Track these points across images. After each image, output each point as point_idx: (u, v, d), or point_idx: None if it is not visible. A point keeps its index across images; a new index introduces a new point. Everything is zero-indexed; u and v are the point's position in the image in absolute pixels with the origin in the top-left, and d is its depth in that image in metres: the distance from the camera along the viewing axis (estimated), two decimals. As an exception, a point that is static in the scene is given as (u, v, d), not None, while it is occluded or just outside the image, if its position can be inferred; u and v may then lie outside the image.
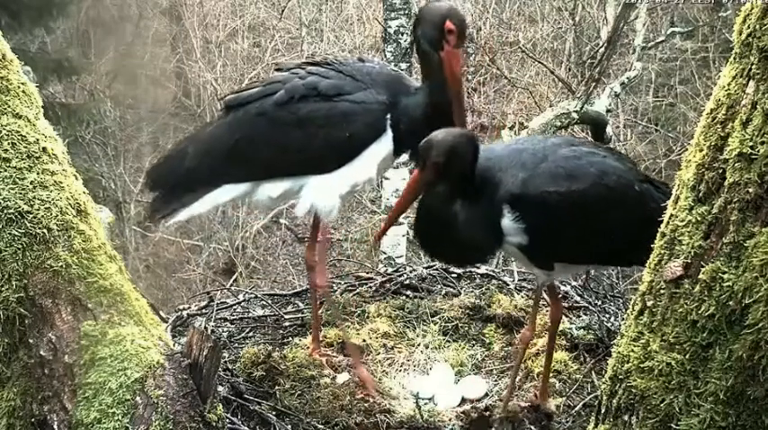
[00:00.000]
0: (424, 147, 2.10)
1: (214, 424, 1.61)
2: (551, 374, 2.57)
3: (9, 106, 1.62)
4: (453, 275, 3.53)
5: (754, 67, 1.15)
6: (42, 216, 1.60)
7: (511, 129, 6.48)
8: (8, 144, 1.59)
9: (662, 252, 1.31)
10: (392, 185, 6.21)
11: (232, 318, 3.19)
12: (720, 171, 1.19)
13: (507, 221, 2.10)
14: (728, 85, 1.20)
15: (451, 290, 3.39)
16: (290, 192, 2.47)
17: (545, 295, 3.24)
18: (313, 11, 14.09)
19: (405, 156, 2.59)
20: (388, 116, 2.36)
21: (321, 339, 2.84)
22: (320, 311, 2.86)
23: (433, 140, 2.10)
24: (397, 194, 6.38)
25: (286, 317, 3.17)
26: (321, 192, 2.42)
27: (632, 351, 1.33)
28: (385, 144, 2.39)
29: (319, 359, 2.72)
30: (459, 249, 2.23)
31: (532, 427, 2.38)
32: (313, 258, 2.65)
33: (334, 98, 2.35)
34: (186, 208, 2.51)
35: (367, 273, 3.74)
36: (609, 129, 7.10)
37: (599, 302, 3.18)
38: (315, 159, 2.40)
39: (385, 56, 6.13)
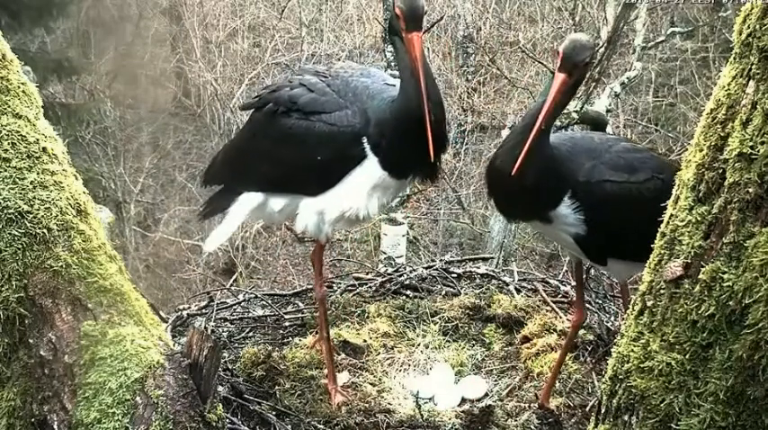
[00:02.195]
0: (573, 48, 2.03)
1: (214, 424, 1.61)
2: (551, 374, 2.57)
3: (9, 106, 1.62)
4: (453, 275, 3.54)
5: (754, 67, 1.14)
6: (42, 216, 1.60)
7: (511, 129, 6.48)
8: (8, 144, 1.59)
9: (662, 252, 1.31)
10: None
11: (232, 318, 3.20)
12: (720, 171, 1.19)
13: (566, 209, 2.10)
14: (728, 85, 1.20)
15: (451, 290, 3.39)
16: (289, 208, 2.44)
17: (545, 294, 3.24)
18: (313, 11, 14.10)
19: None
20: (364, 140, 2.20)
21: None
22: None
23: (582, 40, 2.07)
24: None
25: (286, 317, 3.17)
26: (311, 215, 2.36)
27: (632, 351, 1.33)
28: (369, 170, 2.22)
29: (320, 354, 2.71)
30: (543, 182, 2.12)
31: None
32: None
33: (311, 117, 2.25)
34: (216, 231, 2.58)
35: (367, 273, 3.75)
36: (609, 129, 7.10)
37: (599, 302, 3.18)
38: (299, 179, 2.35)
39: (385, 56, 6.14)
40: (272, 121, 2.34)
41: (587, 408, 2.44)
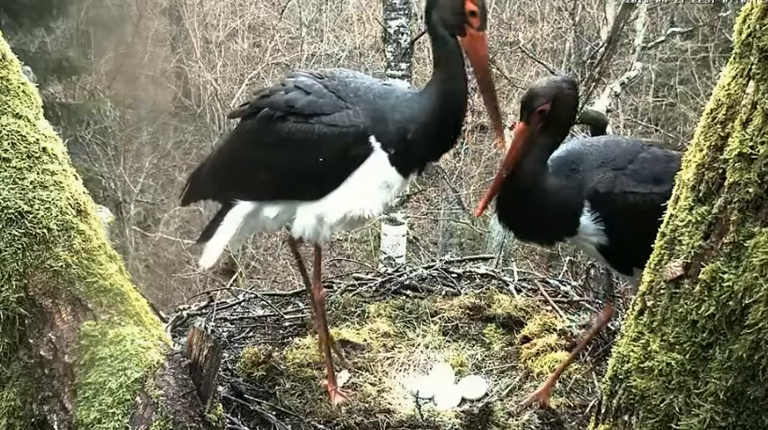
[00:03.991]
0: (527, 96, 2.04)
1: (214, 424, 1.61)
2: (551, 374, 2.57)
3: (9, 106, 1.62)
4: (453, 275, 3.54)
5: (754, 67, 1.14)
6: (42, 216, 1.60)
7: (511, 129, 6.48)
8: (8, 144, 1.59)
9: (662, 252, 1.31)
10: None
11: (232, 318, 3.20)
12: (720, 171, 1.19)
13: (586, 220, 2.09)
14: (728, 85, 1.20)
15: (451, 290, 3.39)
16: (284, 214, 2.39)
17: (546, 293, 3.24)
18: (313, 11, 14.11)
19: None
20: (372, 138, 2.18)
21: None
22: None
23: (537, 88, 2.05)
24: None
25: (286, 317, 3.17)
26: (310, 219, 2.30)
27: (632, 351, 1.33)
28: (376, 168, 2.21)
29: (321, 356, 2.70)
30: (542, 216, 2.17)
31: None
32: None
33: (311, 119, 2.20)
34: (209, 245, 2.51)
35: (367, 273, 3.75)
36: (609, 129, 7.10)
37: (599, 302, 3.18)
38: (297, 184, 2.29)
39: (385, 56, 6.13)
40: (268, 127, 2.26)
41: (587, 408, 2.44)
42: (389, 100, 2.23)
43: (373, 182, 2.24)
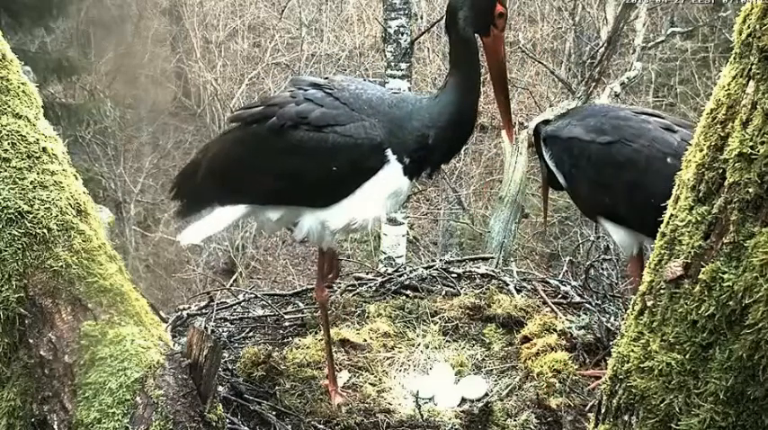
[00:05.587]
0: None
1: (214, 424, 1.61)
2: (551, 374, 2.57)
3: (9, 106, 1.62)
4: (453, 275, 3.53)
5: (754, 67, 1.14)
6: (42, 216, 1.60)
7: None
8: (8, 144, 1.59)
9: (662, 252, 1.31)
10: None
11: (232, 318, 3.20)
12: (720, 171, 1.19)
13: (547, 156, 2.49)
14: (728, 85, 1.20)
15: (451, 290, 3.39)
16: (287, 216, 2.36)
17: (545, 294, 3.23)
18: (313, 11, 14.12)
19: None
20: (389, 151, 2.17)
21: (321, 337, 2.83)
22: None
23: None
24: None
25: (286, 317, 3.17)
26: (315, 224, 2.28)
27: (632, 351, 1.33)
28: (388, 179, 2.20)
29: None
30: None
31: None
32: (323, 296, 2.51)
33: (324, 129, 2.17)
34: (198, 225, 2.44)
35: (367, 273, 3.75)
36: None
37: (599, 302, 3.18)
38: (304, 192, 2.27)
39: (385, 56, 6.14)
40: (278, 135, 2.22)
41: (587, 408, 2.44)
42: (405, 108, 2.21)
43: (384, 191, 2.23)
